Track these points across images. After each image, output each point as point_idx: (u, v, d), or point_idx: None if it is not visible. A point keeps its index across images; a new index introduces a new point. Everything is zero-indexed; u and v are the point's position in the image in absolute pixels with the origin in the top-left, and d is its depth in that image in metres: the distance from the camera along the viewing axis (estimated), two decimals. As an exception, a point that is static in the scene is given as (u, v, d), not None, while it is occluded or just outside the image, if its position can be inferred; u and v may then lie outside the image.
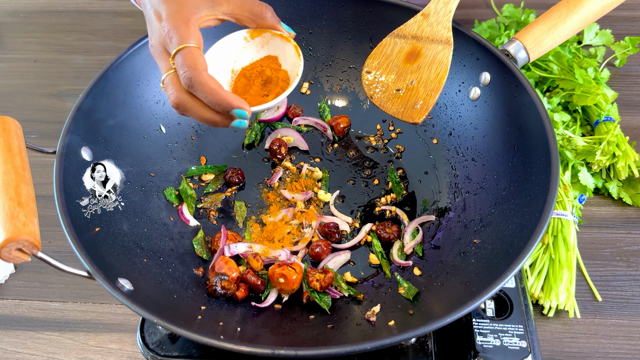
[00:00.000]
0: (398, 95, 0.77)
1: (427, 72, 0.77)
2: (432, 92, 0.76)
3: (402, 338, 0.57)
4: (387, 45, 0.80)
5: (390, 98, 0.77)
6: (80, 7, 1.33)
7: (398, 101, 0.77)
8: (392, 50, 0.80)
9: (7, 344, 0.81)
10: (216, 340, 0.56)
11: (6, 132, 0.63)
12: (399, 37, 0.80)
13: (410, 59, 0.78)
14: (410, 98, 0.76)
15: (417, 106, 0.75)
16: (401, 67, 0.78)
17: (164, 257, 0.75)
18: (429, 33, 0.79)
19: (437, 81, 0.76)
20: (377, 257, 0.79)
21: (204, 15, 0.67)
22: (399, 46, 0.79)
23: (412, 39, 0.79)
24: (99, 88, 0.78)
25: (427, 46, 0.78)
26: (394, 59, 0.79)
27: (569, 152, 0.92)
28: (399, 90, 0.77)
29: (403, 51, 0.79)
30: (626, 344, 0.78)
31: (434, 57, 0.77)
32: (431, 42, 0.78)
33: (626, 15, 1.23)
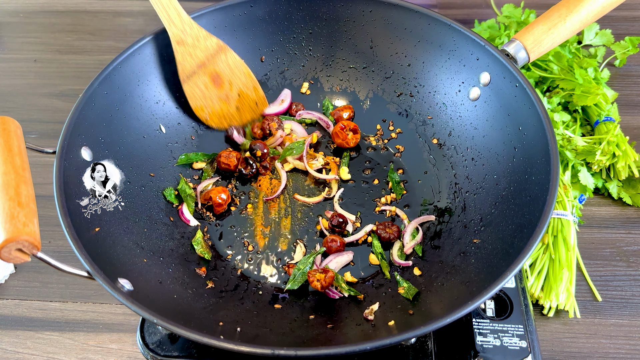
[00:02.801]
0: (239, 110, 0.89)
1: (236, 79, 0.87)
2: (254, 86, 0.90)
3: (402, 338, 0.57)
4: (193, 90, 0.86)
5: (238, 115, 0.90)
6: (80, 7, 1.33)
7: (245, 112, 0.90)
8: (202, 90, 0.86)
9: (7, 344, 0.81)
10: (216, 340, 0.56)
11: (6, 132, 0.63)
12: (191, 77, 0.85)
13: (218, 83, 0.86)
14: (249, 102, 0.90)
15: (257, 104, 0.90)
16: (220, 93, 0.87)
17: (164, 257, 0.75)
18: (201, 54, 0.84)
19: (249, 77, 0.89)
20: (376, 258, 0.79)
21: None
22: (201, 82, 0.85)
23: (200, 69, 0.85)
24: (99, 88, 0.78)
25: (214, 63, 0.85)
26: (209, 93, 0.86)
27: (569, 152, 0.92)
28: (237, 108, 0.89)
29: (207, 82, 0.86)
30: (626, 344, 0.78)
31: (228, 65, 0.86)
32: (212, 58, 0.85)
33: (626, 15, 1.23)
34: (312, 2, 0.92)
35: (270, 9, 0.91)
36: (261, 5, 0.91)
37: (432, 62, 0.89)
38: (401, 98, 0.93)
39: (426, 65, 0.90)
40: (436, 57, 0.88)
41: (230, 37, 0.91)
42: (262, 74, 0.95)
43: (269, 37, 0.93)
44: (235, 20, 0.90)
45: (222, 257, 0.80)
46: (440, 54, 0.87)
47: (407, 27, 0.89)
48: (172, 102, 0.88)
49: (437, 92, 0.89)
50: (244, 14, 0.90)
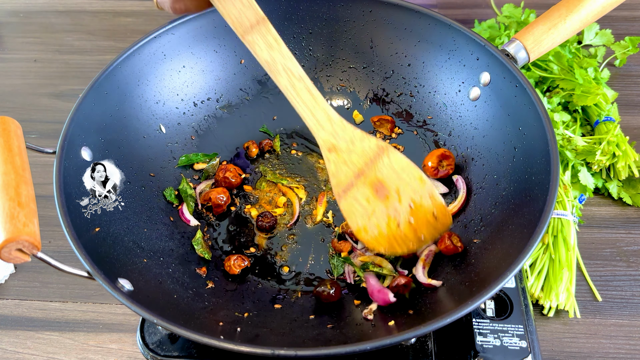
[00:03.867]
0: (414, 225, 0.69)
1: (406, 185, 0.68)
2: (430, 194, 0.69)
3: (402, 338, 0.57)
4: (353, 207, 0.69)
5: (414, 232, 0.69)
6: (80, 7, 1.33)
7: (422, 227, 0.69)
8: (363, 205, 0.68)
9: (7, 344, 0.81)
10: (216, 340, 0.56)
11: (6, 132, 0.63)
12: (348, 190, 0.68)
13: (382, 194, 0.68)
14: (425, 215, 0.69)
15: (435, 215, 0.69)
16: (387, 207, 0.68)
17: (164, 257, 0.75)
18: (360, 161, 0.67)
19: (421, 183, 0.68)
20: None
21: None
22: (362, 197, 0.68)
23: (359, 179, 0.67)
24: (99, 88, 0.78)
25: (376, 170, 0.67)
26: (372, 208, 0.68)
27: (569, 152, 0.92)
28: (411, 224, 0.69)
29: (370, 195, 0.68)
30: (626, 344, 0.78)
31: (393, 170, 0.68)
32: (373, 164, 0.67)
33: (626, 15, 1.23)
34: (312, 2, 0.92)
35: (270, 9, 0.91)
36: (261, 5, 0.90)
37: (432, 62, 0.89)
38: (401, 98, 0.93)
39: (426, 65, 0.90)
40: (436, 57, 0.88)
41: (231, 37, 0.91)
42: (262, 74, 0.95)
43: (269, 37, 0.93)
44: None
45: (222, 257, 0.80)
46: (440, 54, 0.87)
47: (407, 27, 0.89)
48: (172, 102, 0.88)
49: (437, 92, 0.89)
50: (244, 14, 0.90)
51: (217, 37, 0.90)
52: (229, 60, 0.93)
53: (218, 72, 0.92)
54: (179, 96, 0.89)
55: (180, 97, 0.89)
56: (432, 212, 0.69)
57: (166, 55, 0.86)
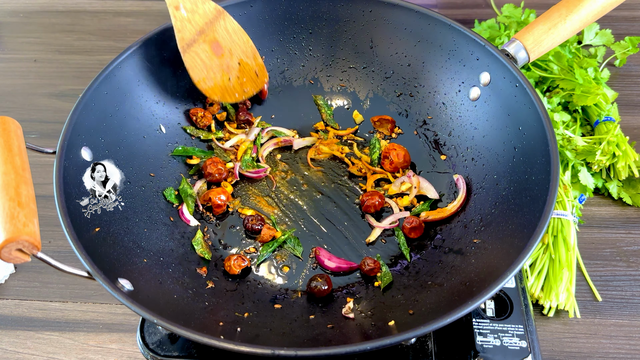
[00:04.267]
0: (240, 80, 0.85)
1: (236, 46, 0.83)
2: (253, 54, 0.86)
3: (402, 338, 0.57)
4: (194, 61, 0.82)
5: (240, 86, 0.86)
6: (80, 7, 1.33)
7: (247, 83, 0.86)
8: (202, 60, 0.81)
9: (7, 344, 0.81)
10: (216, 340, 0.56)
11: (6, 132, 0.63)
12: (191, 45, 0.80)
13: (218, 52, 0.81)
14: (249, 72, 0.86)
15: (257, 73, 0.87)
16: (221, 62, 0.83)
17: (164, 257, 0.75)
18: (201, 21, 0.80)
19: (248, 44, 0.85)
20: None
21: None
22: (201, 51, 0.81)
23: (200, 36, 0.80)
24: (99, 88, 0.78)
25: (214, 29, 0.81)
26: (210, 63, 0.82)
27: (569, 152, 0.92)
28: (239, 78, 0.85)
29: (208, 51, 0.81)
30: (626, 344, 0.78)
31: (227, 32, 0.82)
32: (212, 24, 0.80)
33: (626, 15, 1.23)
34: (312, 2, 0.92)
35: (270, 9, 0.91)
36: (261, 5, 0.91)
37: (432, 62, 0.89)
38: (401, 98, 0.93)
39: (426, 65, 0.90)
40: (436, 57, 0.88)
41: (230, 37, 0.91)
42: (262, 74, 0.95)
43: (269, 37, 0.93)
44: (236, 20, 0.90)
45: (222, 257, 0.80)
46: (440, 54, 0.87)
47: (407, 27, 0.89)
48: (172, 102, 0.88)
49: (437, 92, 0.89)
50: (244, 14, 0.90)
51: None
52: (229, 60, 0.93)
53: (218, 72, 0.92)
54: (179, 96, 0.89)
55: (181, 97, 0.89)
56: (254, 70, 0.86)
57: (166, 55, 0.86)
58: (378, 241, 0.81)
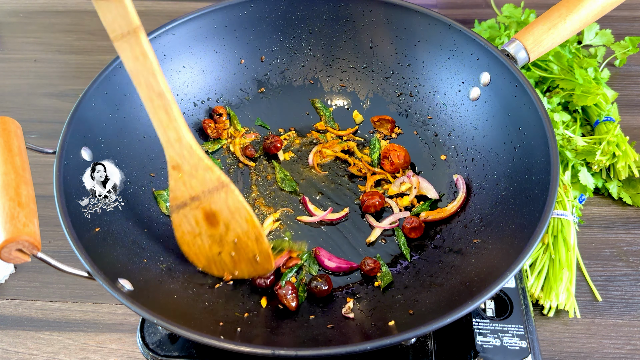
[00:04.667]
0: (234, 260, 0.73)
1: (235, 223, 0.71)
2: (257, 237, 0.71)
3: (402, 338, 0.57)
4: (182, 222, 0.73)
5: (232, 264, 0.73)
6: (80, 7, 1.33)
7: (241, 263, 0.73)
8: (192, 225, 0.72)
9: (7, 344, 0.81)
10: (216, 341, 0.56)
11: (6, 132, 0.63)
12: (181, 207, 0.72)
13: (212, 222, 0.71)
14: (247, 254, 0.72)
15: (257, 258, 0.72)
16: (214, 234, 0.72)
17: (164, 257, 0.75)
18: (198, 186, 0.70)
19: (251, 226, 0.70)
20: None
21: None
22: (192, 217, 0.72)
23: (193, 202, 0.71)
24: (99, 88, 0.78)
25: (211, 200, 0.70)
26: (199, 230, 0.72)
27: (569, 152, 0.92)
28: (232, 257, 0.73)
29: (200, 219, 0.71)
30: (626, 344, 0.78)
31: (227, 206, 0.70)
32: (210, 194, 0.70)
33: (626, 15, 1.23)
34: (312, 2, 0.92)
35: (270, 9, 0.91)
36: (261, 5, 0.91)
37: (432, 62, 0.89)
38: (401, 98, 0.93)
39: (426, 65, 0.90)
40: (436, 57, 0.88)
41: (231, 37, 0.91)
42: (262, 74, 0.95)
43: (269, 37, 0.93)
44: (235, 20, 0.90)
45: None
46: (440, 54, 0.87)
47: (407, 27, 0.89)
48: (172, 102, 0.88)
49: (437, 92, 0.89)
50: (244, 14, 0.90)
51: (217, 37, 0.90)
52: (229, 60, 0.93)
53: (218, 72, 0.92)
54: (179, 96, 0.89)
55: (180, 97, 0.89)
56: (254, 254, 0.72)
57: (166, 55, 0.86)
58: (378, 241, 0.81)
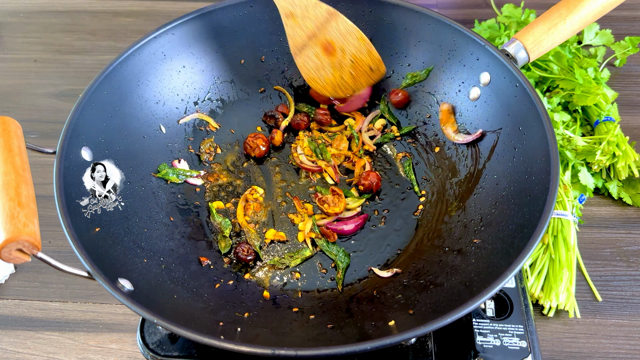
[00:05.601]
0: (354, 76, 0.86)
1: (349, 45, 0.84)
2: (368, 50, 0.85)
3: (402, 338, 0.57)
4: (306, 63, 0.86)
5: (353, 81, 0.87)
6: (80, 7, 1.33)
7: (360, 78, 0.87)
8: (314, 61, 0.85)
9: (7, 344, 0.81)
10: (216, 340, 0.56)
11: (6, 132, 0.63)
12: (302, 49, 0.84)
13: (330, 51, 0.83)
14: (363, 68, 0.86)
15: (371, 67, 0.86)
16: (334, 62, 0.84)
17: (164, 257, 0.75)
18: (312, 25, 0.82)
19: (362, 41, 0.84)
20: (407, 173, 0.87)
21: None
22: (312, 54, 0.84)
23: (311, 40, 0.83)
24: (99, 88, 0.78)
25: (325, 32, 0.82)
26: (321, 63, 0.85)
27: (569, 152, 0.92)
28: (351, 74, 0.86)
29: (319, 53, 0.84)
30: (626, 344, 0.78)
31: (339, 32, 0.83)
32: (323, 28, 0.82)
33: (626, 15, 1.23)
34: (312, 2, 0.92)
35: (270, 9, 0.91)
36: (261, 5, 0.91)
37: (432, 62, 0.89)
38: (401, 98, 0.93)
39: (426, 65, 0.90)
40: (436, 57, 0.88)
41: (231, 37, 0.91)
42: (263, 74, 0.95)
43: (269, 37, 0.93)
44: (235, 20, 0.90)
45: (222, 255, 0.80)
46: (440, 54, 0.87)
47: (407, 27, 0.89)
48: (172, 102, 0.88)
49: (437, 92, 0.89)
50: (244, 14, 0.90)
51: (217, 37, 0.90)
52: (229, 60, 0.93)
53: (218, 72, 0.92)
54: (179, 96, 0.89)
55: (180, 97, 0.89)
56: (369, 65, 0.86)
57: (166, 55, 0.86)
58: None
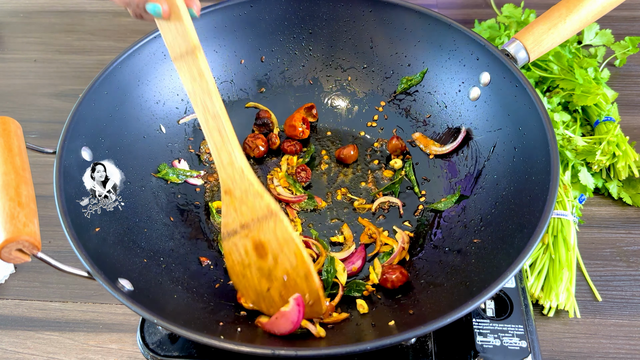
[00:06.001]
0: (285, 297, 0.67)
1: (284, 257, 0.66)
2: (306, 275, 0.66)
3: (402, 338, 0.57)
4: (232, 251, 0.69)
5: (282, 300, 0.67)
6: (80, 7, 1.33)
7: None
8: (241, 255, 0.69)
9: (7, 344, 0.81)
10: (216, 340, 0.56)
11: (6, 132, 0.63)
12: (231, 235, 0.69)
13: (261, 253, 0.67)
14: (297, 290, 0.66)
15: (307, 298, 0.66)
16: (263, 267, 0.67)
17: (164, 257, 0.75)
18: (248, 213, 0.67)
19: (300, 261, 0.65)
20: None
21: None
22: (241, 246, 0.68)
23: (243, 230, 0.68)
24: (99, 88, 0.78)
25: (260, 230, 0.67)
26: (249, 261, 0.68)
27: (569, 152, 0.92)
28: (281, 295, 0.67)
29: (249, 249, 0.68)
30: (626, 344, 0.78)
31: (276, 237, 0.66)
32: (259, 223, 0.66)
33: (626, 15, 1.23)
34: (312, 2, 0.92)
35: (270, 9, 0.91)
36: (261, 5, 0.91)
37: (432, 62, 0.89)
38: (401, 98, 0.93)
39: (426, 65, 0.90)
40: (436, 57, 0.88)
41: (231, 37, 0.91)
42: (262, 74, 0.95)
43: (269, 37, 0.93)
44: (235, 20, 0.90)
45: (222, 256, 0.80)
46: (440, 54, 0.87)
47: (407, 27, 0.89)
48: (172, 102, 0.88)
49: (437, 92, 0.89)
50: (244, 14, 0.90)
51: (217, 37, 0.90)
52: (229, 60, 0.93)
53: (218, 72, 0.92)
54: (179, 96, 0.89)
55: (180, 97, 0.89)
56: (304, 294, 0.66)
57: (166, 55, 0.86)
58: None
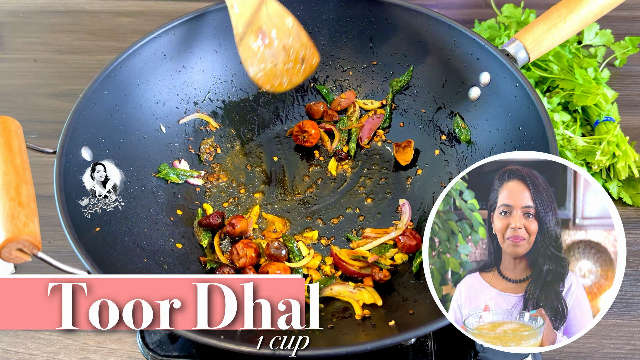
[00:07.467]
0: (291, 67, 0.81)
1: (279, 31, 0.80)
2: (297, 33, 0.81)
3: (402, 338, 0.57)
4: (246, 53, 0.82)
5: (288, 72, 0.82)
6: (80, 7, 1.33)
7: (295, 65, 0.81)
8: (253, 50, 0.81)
9: (7, 344, 0.81)
10: (216, 340, 0.57)
11: (6, 132, 0.63)
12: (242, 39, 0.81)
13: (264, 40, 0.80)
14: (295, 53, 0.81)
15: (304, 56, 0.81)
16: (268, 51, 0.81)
17: (164, 257, 0.75)
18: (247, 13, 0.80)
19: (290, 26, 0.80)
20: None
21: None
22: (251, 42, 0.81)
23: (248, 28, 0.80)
24: (99, 88, 0.78)
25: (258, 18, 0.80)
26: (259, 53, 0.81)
27: (569, 152, 0.92)
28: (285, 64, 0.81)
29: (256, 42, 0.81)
30: (626, 344, 0.78)
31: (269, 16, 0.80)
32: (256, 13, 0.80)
33: (626, 15, 1.23)
34: (312, 2, 0.92)
35: (270, 9, 0.91)
36: (261, 5, 0.91)
37: (432, 62, 0.89)
38: (401, 98, 0.93)
39: (426, 65, 0.90)
40: (436, 57, 0.88)
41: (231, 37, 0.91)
42: (262, 74, 0.95)
43: (269, 37, 0.93)
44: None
45: (222, 257, 0.80)
46: (440, 54, 0.87)
47: (407, 27, 0.89)
48: (172, 102, 0.88)
49: (437, 92, 0.89)
50: (244, 14, 0.90)
51: (217, 37, 0.90)
52: (229, 60, 0.93)
53: (218, 72, 0.92)
54: (179, 96, 0.89)
55: (180, 97, 0.89)
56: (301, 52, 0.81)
57: (166, 55, 0.86)
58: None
